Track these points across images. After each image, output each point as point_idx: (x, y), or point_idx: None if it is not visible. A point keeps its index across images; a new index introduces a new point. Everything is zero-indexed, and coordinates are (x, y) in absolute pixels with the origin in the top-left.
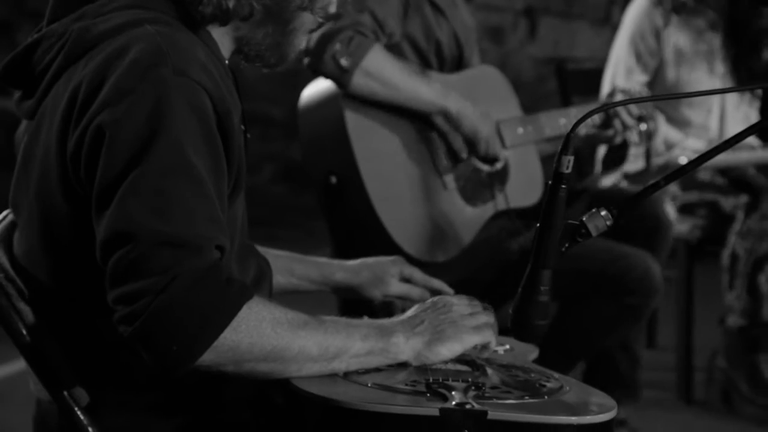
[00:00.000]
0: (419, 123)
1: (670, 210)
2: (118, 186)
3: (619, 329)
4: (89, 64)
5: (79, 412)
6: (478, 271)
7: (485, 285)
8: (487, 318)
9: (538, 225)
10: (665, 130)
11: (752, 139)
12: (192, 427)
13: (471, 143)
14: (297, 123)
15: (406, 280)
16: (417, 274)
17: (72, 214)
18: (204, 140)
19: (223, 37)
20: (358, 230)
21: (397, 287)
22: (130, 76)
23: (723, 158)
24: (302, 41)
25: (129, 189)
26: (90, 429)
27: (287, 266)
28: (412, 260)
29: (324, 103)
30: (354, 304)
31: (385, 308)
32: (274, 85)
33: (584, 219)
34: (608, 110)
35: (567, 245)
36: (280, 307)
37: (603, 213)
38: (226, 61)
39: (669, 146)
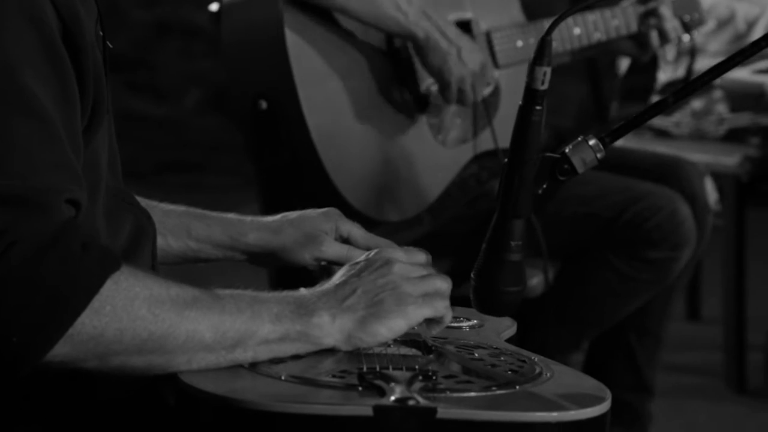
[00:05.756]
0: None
1: (711, 190)
2: None
3: (639, 293)
4: None
5: None
6: (452, 222)
7: (460, 240)
8: (441, 283)
9: (505, 161)
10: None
11: None
12: None
13: (440, 83)
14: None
15: (344, 239)
16: (357, 231)
17: None
18: (44, 58)
19: None
20: (291, 174)
21: (332, 249)
22: None
23: None
24: None
25: None
26: None
27: (182, 225)
28: (359, 217)
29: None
30: (289, 271)
31: (327, 274)
32: None
33: (567, 150)
34: (647, 14)
35: (545, 186)
36: (160, 280)
37: (592, 142)
38: None
39: (750, 25)
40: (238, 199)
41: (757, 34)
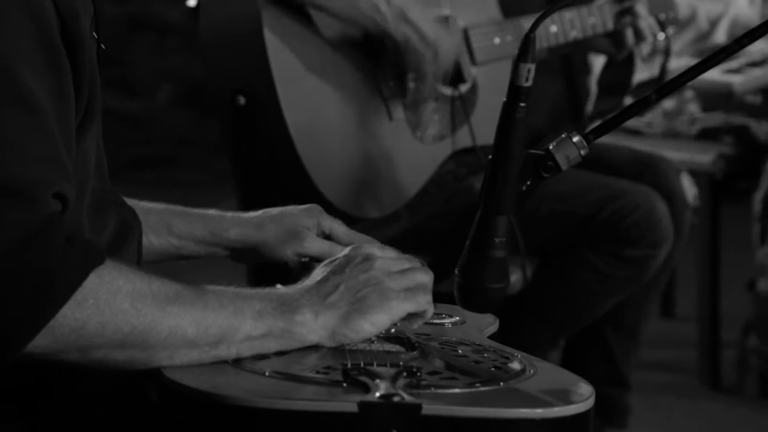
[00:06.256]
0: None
1: (689, 186)
2: None
3: (617, 291)
4: None
5: None
6: (430, 219)
7: (438, 237)
8: (422, 277)
9: (489, 157)
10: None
11: None
12: None
13: (417, 76)
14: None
15: (326, 235)
16: (339, 227)
17: None
18: (41, 54)
19: None
20: (269, 170)
21: (314, 245)
22: None
23: None
24: None
25: None
26: None
27: (163, 222)
28: (337, 214)
29: None
30: (267, 268)
31: (307, 270)
32: None
33: (551, 147)
34: (623, 12)
35: (528, 183)
36: (143, 275)
37: (576, 139)
38: None
39: (713, 24)
40: (212, 195)
41: (720, 32)
